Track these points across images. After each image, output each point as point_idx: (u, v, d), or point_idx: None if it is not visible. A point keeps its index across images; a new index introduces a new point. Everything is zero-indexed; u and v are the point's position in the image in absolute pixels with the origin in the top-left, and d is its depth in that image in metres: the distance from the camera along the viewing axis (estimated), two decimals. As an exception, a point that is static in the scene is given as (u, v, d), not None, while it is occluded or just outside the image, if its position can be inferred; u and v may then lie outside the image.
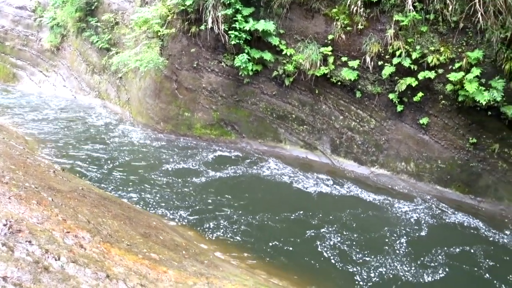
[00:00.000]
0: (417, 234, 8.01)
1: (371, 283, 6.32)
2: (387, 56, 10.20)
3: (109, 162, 10.46)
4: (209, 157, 11.51)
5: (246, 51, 11.67)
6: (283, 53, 11.54)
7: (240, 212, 8.27)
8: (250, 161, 11.44)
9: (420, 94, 9.82)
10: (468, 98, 8.81)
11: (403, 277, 6.56)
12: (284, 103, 12.22)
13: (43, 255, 2.76)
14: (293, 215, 8.38)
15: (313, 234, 7.67)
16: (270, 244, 7.17)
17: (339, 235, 7.67)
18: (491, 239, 7.96)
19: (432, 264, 6.97)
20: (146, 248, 4.51)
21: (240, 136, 12.87)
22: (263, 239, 7.35)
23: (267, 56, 11.67)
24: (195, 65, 12.66)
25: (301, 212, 8.50)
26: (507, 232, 8.19)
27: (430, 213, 8.91)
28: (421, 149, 10.28)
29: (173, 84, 13.12)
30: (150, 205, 8.17)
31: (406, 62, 9.73)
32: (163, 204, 8.21)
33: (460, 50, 9.22)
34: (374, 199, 9.54)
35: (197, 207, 8.33)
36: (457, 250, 7.46)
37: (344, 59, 10.86)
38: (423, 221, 8.52)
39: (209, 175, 10.22)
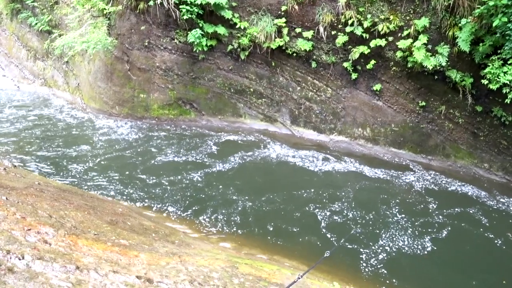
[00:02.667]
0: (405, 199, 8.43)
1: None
2: (340, 26, 10.37)
3: (83, 159, 9.82)
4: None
5: (199, 25, 11.35)
6: (237, 26, 11.36)
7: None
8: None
9: (373, 61, 10.16)
10: (417, 64, 9.25)
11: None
12: (241, 77, 12.16)
13: (5, 257, 2.66)
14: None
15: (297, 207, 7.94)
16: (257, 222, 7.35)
17: (332, 209, 7.92)
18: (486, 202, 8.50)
19: (432, 227, 7.35)
20: (115, 235, 4.46)
21: (199, 114, 12.72)
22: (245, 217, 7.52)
23: (221, 30, 11.43)
24: (146, 44, 12.16)
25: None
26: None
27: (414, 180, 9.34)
28: (376, 114, 10.75)
29: (125, 65, 12.55)
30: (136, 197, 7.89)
31: (358, 31, 9.97)
32: (147, 196, 7.99)
33: (408, 18, 9.56)
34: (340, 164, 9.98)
35: (183, 195, 8.27)
36: (455, 212, 7.92)
37: (298, 30, 10.90)
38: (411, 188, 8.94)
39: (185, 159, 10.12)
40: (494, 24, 7.61)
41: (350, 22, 10.05)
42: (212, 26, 11.44)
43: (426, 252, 6.66)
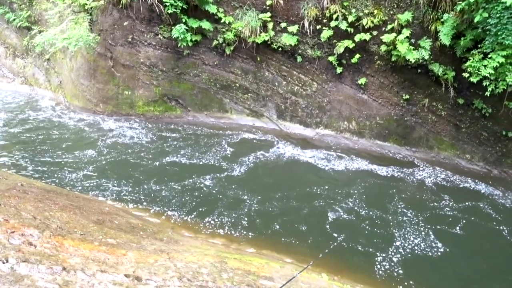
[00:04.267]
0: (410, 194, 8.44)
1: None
2: (324, 20, 10.41)
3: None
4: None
5: (183, 21, 11.22)
6: (222, 21, 11.28)
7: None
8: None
9: (357, 55, 10.25)
10: (400, 57, 9.38)
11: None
12: (226, 72, 12.10)
13: (-12, 260, 2.61)
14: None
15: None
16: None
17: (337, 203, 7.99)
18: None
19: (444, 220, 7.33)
20: (102, 235, 4.42)
21: (185, 110, 12.63)
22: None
23: (206, 25, 11.34)
24: (130, 40, 11.96)
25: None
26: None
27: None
28: (361, 108, 10.86)
29: (108, 61, 12.34)
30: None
31: (343, 25, 10.03)
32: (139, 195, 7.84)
33: (391, 12, 9.67)
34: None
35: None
36: (465, 206, 7.90)
37: (283, 24, 10.90)
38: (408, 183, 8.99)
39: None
40: (475, 20, 7.75)
41: (334, 16, 10.10)
42: (197, 21, 11.33)
43: (437, 249, 6.61)
